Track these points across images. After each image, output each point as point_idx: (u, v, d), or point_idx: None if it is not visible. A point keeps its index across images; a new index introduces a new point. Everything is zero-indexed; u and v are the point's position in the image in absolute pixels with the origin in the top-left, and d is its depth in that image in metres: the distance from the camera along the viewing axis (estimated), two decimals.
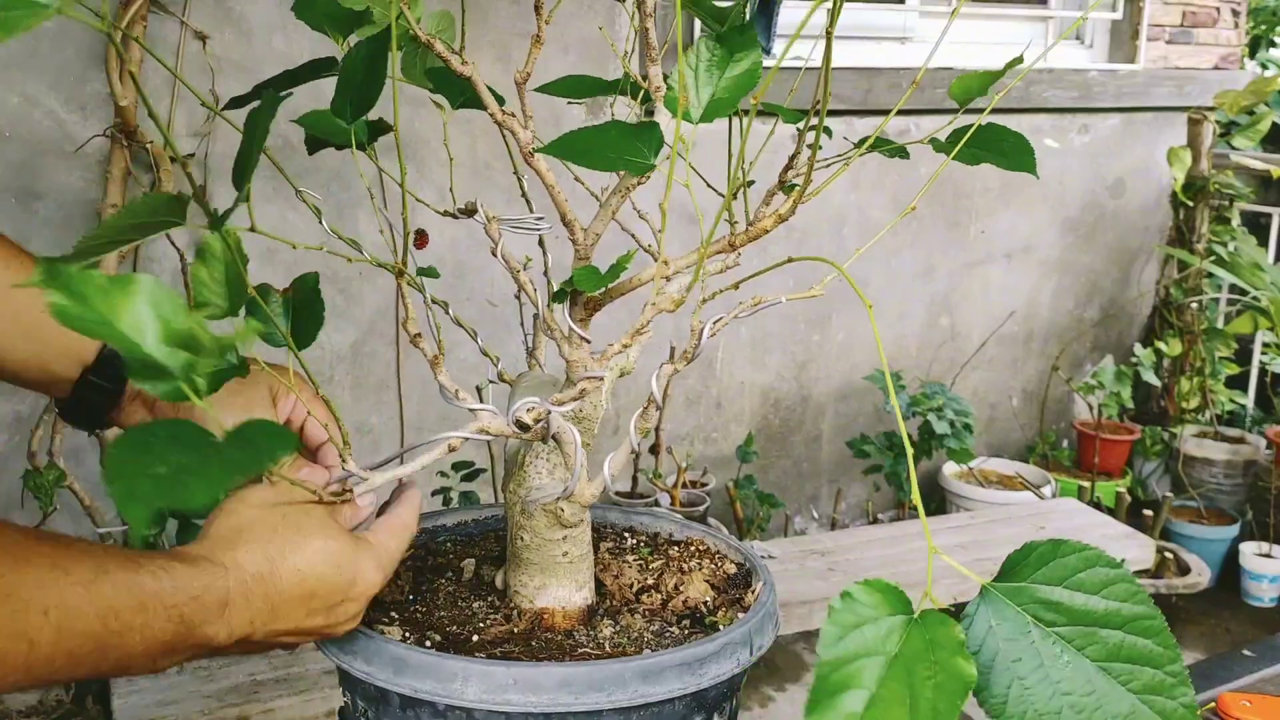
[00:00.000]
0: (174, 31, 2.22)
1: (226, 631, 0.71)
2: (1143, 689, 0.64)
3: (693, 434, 3.03)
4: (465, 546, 0.99)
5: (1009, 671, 0.65)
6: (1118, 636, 0.65)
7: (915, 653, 0.63)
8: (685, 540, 1.00)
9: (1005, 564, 0.68)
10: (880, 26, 3.18)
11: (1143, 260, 3.61)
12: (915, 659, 0.62)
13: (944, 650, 0.63)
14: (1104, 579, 0.66)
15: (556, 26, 2.26)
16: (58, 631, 0.61)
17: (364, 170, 0.92)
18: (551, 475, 0.85)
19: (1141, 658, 0.65)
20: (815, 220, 3.00)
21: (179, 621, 0.67)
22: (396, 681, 0.75)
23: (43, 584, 0.61)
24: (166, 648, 0.67)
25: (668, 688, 0.75)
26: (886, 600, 0.65)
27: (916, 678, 0.62)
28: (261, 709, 1.51)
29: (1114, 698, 0.64)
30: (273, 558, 0.73)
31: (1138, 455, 3.52)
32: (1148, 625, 0.65)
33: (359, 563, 0.77)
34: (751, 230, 0.77)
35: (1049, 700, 0.64)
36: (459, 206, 0.92)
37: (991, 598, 0.67)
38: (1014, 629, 0.66)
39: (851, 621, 0.64)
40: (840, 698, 0.61)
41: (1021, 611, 0.66)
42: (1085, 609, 0.65)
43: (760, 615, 0.82)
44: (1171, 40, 3.52)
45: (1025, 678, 0.65)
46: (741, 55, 0.75)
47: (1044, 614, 0.66)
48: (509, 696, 0.72)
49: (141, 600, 0.65)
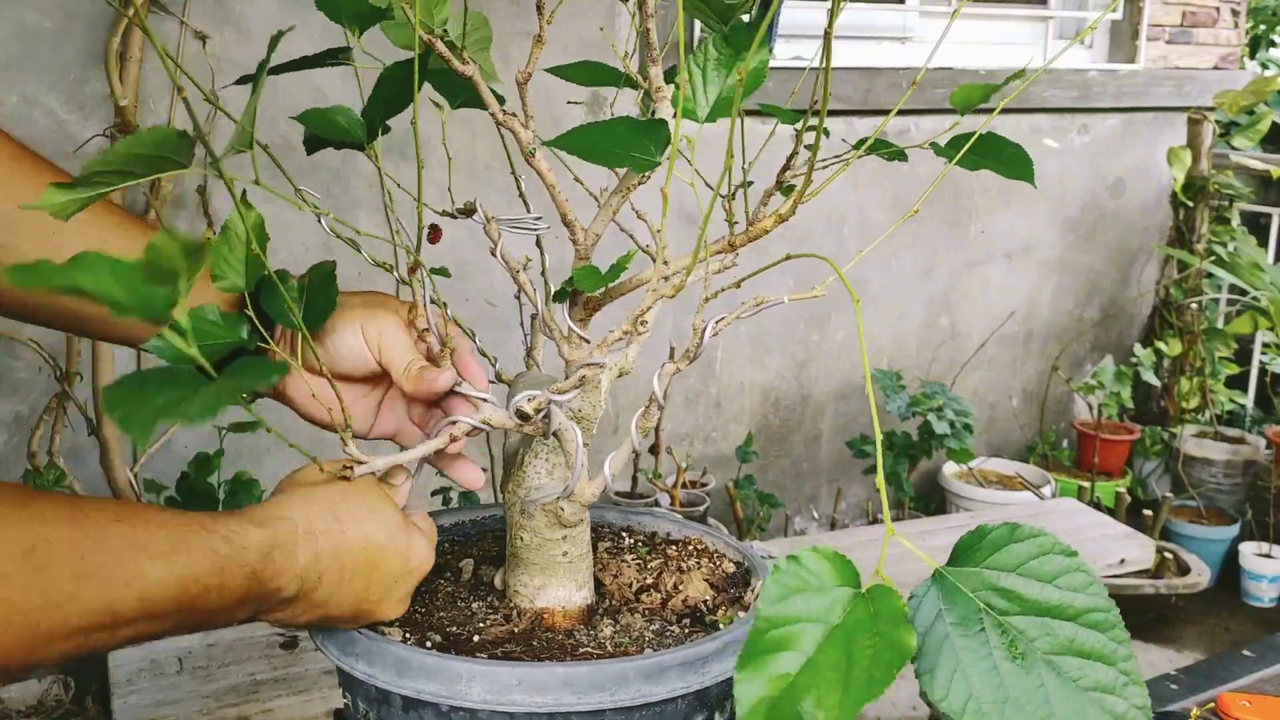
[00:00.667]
0: (174, 31, 2.22)
1: (296, 584, 0.73)
2: (1094, 687, 0.61)
3: (692, 434, 3.03)
4: (463, 547, 0.99)
5: (955, 658, 0.62)
6: (1070, 629, 0.62)
7: (858, 624, 0.61)
8: (683, 539, 1.00)
9: (957, 546, 0.65)
10: (880, 26, 3.18)
11: (1143, 260, 3.61)
12: (857, 630, 0.61)
13: (886, 621, 0.61)
14: (1059, 568, 0.63)
15: (557, 26, 2.25)
16: (140, 602, 0.64)
17: (364, 170, 0.91)
18: (550, 475, 0.85)
19: (1094, 654, 0.62)
20: (815, 220, 3.00)
21: (251, 578, 0.70)
22: (400, 683, 0.75)
23: (122, 560, 0.64)
24: (240, 601, 0.70)
25: (670, 687, 0.75)
26: (834, 569, 0.64)
27: (856, 647, 0.60)
28: (261, 709, 1.51)
29: (1063, 695, 0.61)
30: (341, 518, 0.75)
31: (1137, 455, 3.52)
32: (1101, 619, 0.62)
33: (413, 541, 0.79)
34: (751, 230, 0.77)
35: (993, 691, 0.61)
36: (457, 206, 0.92)
37: (943, 581, 0.65)
38: (964, 614, 0.63)
39: (796, 585, 0.63)
40: (775, 657, 0.60)
41: (973, 597, 0.64)
42: (1038, 599, 0.63)
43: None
44: (1171, 40, 3.52)
45: (971, 666, 0.62)
46: (747, 55, 0.75)
47: (996, 600, 0.63)
48: (514, 697, 0.72)
49: (218, 564, 0.68)
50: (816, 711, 0.58)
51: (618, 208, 0.83)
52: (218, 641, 1.67)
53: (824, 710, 0.58)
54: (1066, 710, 0.60)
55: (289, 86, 1.99)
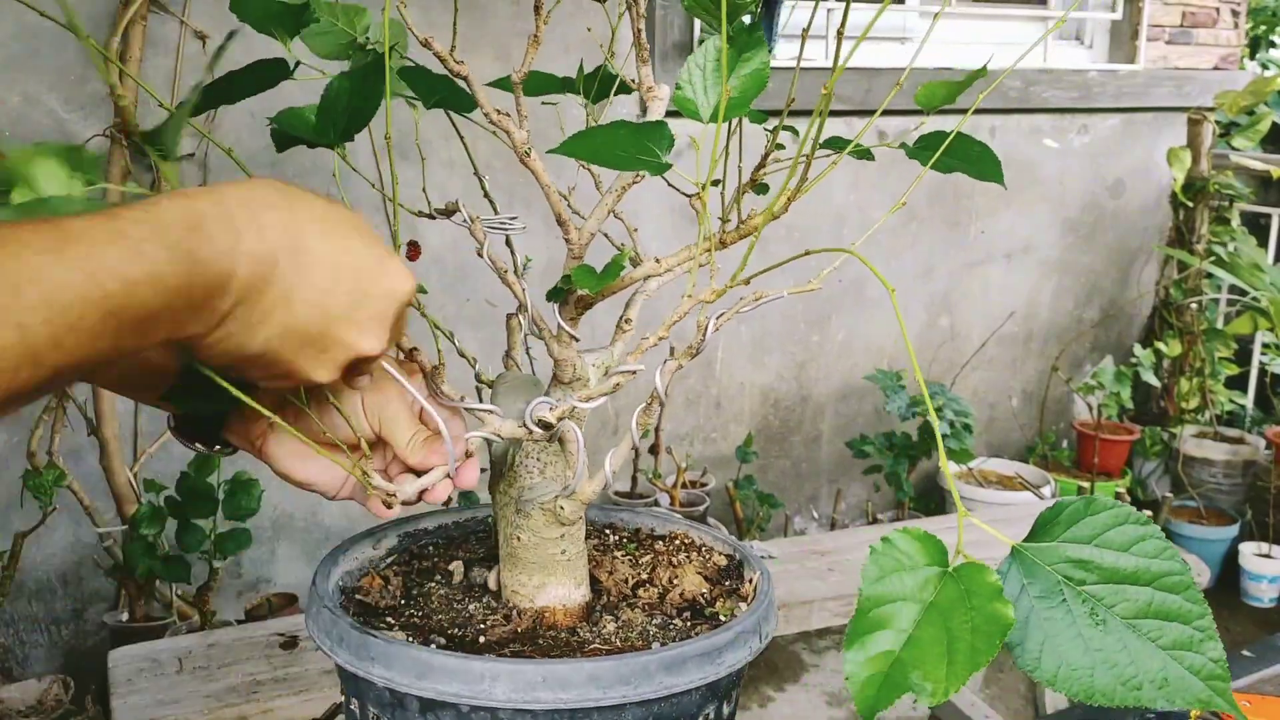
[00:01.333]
0: (174, 31, 2.22)
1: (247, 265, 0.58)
2: (1172, 645, 0.66)
3: (692, 434, 3.03)
4: (448, 549, 0.99)
5: (1042, 629, 0.67)
6: (1146, 593, 0.66)
7: (950, 602, 0.65)
8: (669, 534, 1.00)
9: (1036, 523, 0.70)
10: (880, 26, 3.18)
11: (1142, 261, 3.61)
12: (951, 607, 0.65)
13: (980, 597, 0.65)
14: (1132, 537, 0.67)
15: (559, 26, 2.25)
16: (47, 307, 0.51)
17: (364, 169, 0.91)
18: (543, 474, 0.85)
19: (1170, 614, 0.66)
20: (816, 220, 3.00)
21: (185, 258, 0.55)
22: (419, 685, 0.74)
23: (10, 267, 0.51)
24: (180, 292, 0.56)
25: (689, 678, 0.75)
26: (924, 549, 0.68)
27: (954, 623, 0.64)
28: (261, 709, 1.51)
29: (1145, 654, 0.65)
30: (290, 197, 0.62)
31: (1137, 455, 3.52)
32: (1176, 581, 0.66)
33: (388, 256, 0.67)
34: (742, 228, 0.77)
35: (1081, 656, 0.66)
36: (437, 207, 0.91)
37: (1022, 557, 0.69)
38: (1045, 587, 0.68)
39: (890, 566, 0.67)
40: (877, 635, 0.65)
41: (1052, 570, 0.68)
42: (1114, 567, 0.67)
43: (765, 604, 0.84)
44: (1171, 40, 3.52)
45: (1057, 635, 0.66)
46: (749, 55, 0.75)
47: (1074, 572, 0.68)
48: (538, 694, 0.72)
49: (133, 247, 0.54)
50: (925, 684, 0.63)
51: (612, 206, 0.83)
52: (218, 642, 1.67)
53: (933, 682, 0.63)
54: (1150, 667, 0.65)
55: (289, 86, 1.99)
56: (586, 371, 0.85)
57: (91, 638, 2.44)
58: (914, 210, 3.18)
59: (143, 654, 1.63)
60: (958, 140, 0.78)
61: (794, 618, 1.90)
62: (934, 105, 0.79)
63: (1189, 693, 0.65)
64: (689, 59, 0.74)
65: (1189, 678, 0.65)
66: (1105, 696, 0.65)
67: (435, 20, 2.21)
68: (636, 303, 0.85)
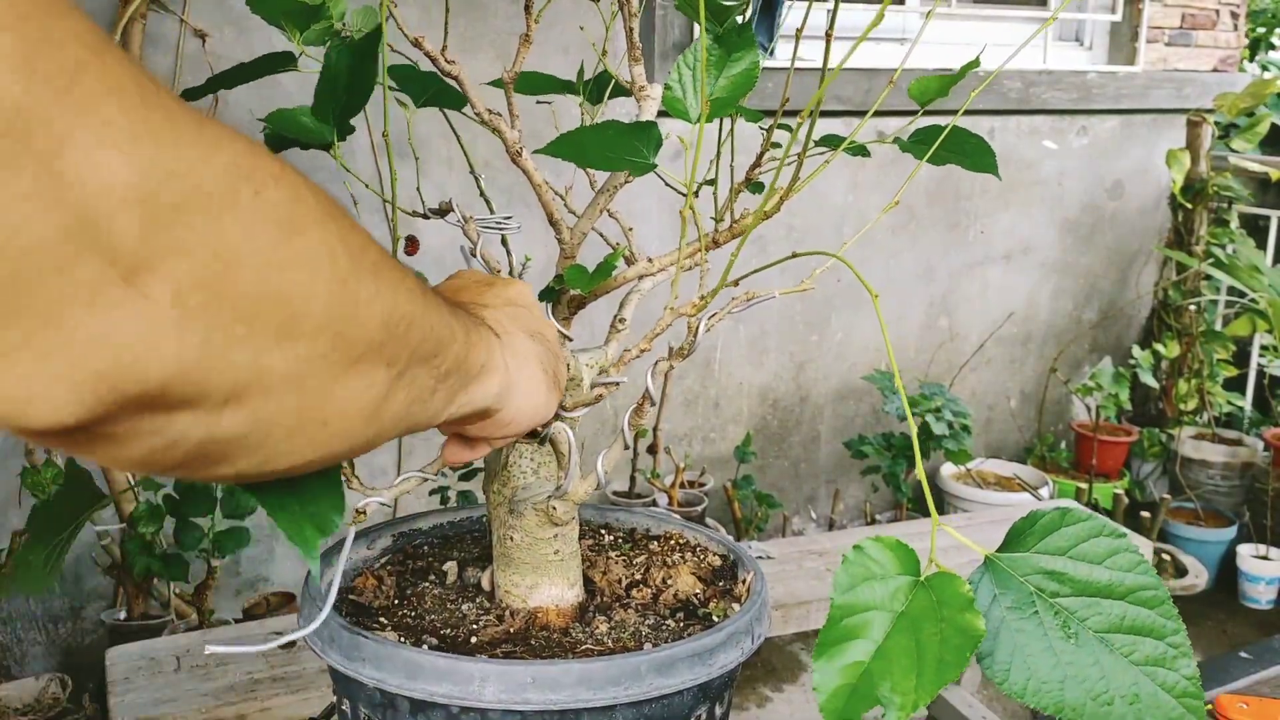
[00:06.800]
0: (173, 30, 2.22)
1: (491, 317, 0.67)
2: (1145, 661, 0.64)
3: (690, 434, 3.03)
4: (442, 549, 0.99)
5: (1012, 641, 0.65)
6: (1120, 608, 0.65)
7: (921, 611, 0.64)
8: (663, 535, 1.00)
9: (1010, 533, 0.68)
10: (880, 27, 3.18)
11: (1141, 262, 3.61)
12: (922, 617, 0.64)
13: (951, 607, 0.64)
14: (1107, 549, 0.66)
15: (556, 26, 2.25)
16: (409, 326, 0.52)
17: (364, 169, 0.91)
18: (536, 474, 0.85)
19: (1144, 629, 0.65)
20: (815, 221, 3.00)
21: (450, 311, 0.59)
22: (410, 686, 0.74)
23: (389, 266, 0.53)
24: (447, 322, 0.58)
25: (680, 679, 0.75)
26: (896, 558, 0.66)
27: (923, 634, 0.63)
28: (259, 708, 1.51)
29: (1117, 670, 0.64)
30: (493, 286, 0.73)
31: (1135, 457, 3.52)
32: (1150, 596, 0.65)
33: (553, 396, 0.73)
34: (735, 228, 0.77)
35: (1051, 670, 0.64)
36: (430, 207, 0.92)
37: (994, 567, 0.67)
38: (1017, 598, 0.66)
39: (861, 574, 0.66)
40: (848, 645, 0.63)
41: (1025, 581, 0.66)
42: (1088, 579, 0.66)
43: (758, 604, 0.83)
44: (1171, 42, 3.52)
45: (1028, 647, 0.65)
46: (739, 55, 0.75)
47: (1047, 584, 0.66)
48: (528, 695, 0.72)
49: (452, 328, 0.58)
50: (893, 696, 0.61)
51: (604, 206, 0.83)
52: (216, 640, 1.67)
53: (900, 695, 0.61)
54: (1121, 683, 0.64)
55: (290, 86, 1.99)
56: (580, 371, 0.85)
57: (89, 636, 2.44)
58: (913, 211, 3.18)
59: (140, 652, 1.63)
60: (953, 133, 0.78)
61: (792, 618, 1.90)
62: (928, 99, 0.79)
63: (1161, 710, 0.63)
64: (679, 59, 0.74)
65: (1161, 695, 0.63)
66: (1075, 711, 0.63)
67: (435, 20, 2.21)
68: (631, 302, 0.86)
